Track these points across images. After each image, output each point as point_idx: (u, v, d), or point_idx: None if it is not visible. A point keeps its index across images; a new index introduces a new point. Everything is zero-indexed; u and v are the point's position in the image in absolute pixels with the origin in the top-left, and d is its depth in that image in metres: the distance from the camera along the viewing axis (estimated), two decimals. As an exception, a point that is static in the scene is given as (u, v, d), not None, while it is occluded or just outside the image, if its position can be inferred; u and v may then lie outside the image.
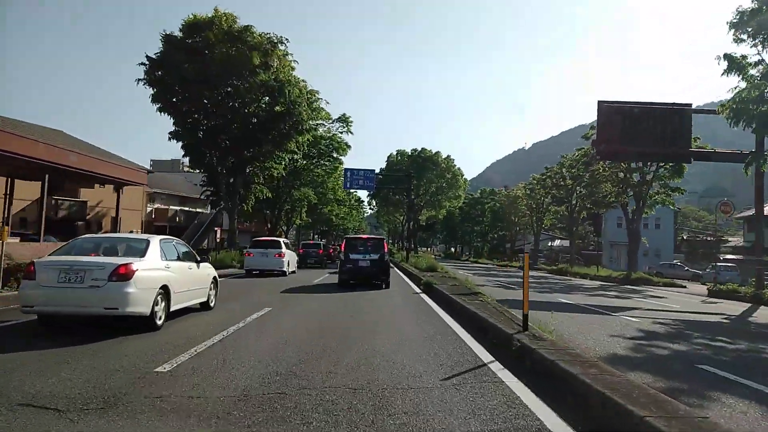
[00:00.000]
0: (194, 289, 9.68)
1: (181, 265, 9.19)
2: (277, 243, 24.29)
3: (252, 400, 4.61)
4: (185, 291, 9.16)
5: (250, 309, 10.82)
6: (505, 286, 23.78)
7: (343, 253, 19.74)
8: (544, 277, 37.17)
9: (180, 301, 8.96)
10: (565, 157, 42.23)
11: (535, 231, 55.14)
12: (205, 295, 10.34)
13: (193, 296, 9.69)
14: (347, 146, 43.20)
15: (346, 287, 18.34)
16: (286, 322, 9.93)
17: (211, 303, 10.66)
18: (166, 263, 8.61)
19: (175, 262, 9.04)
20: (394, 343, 7.56)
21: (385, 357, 6.54)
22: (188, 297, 9.40)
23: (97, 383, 5.02)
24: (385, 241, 20.77)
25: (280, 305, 12.39)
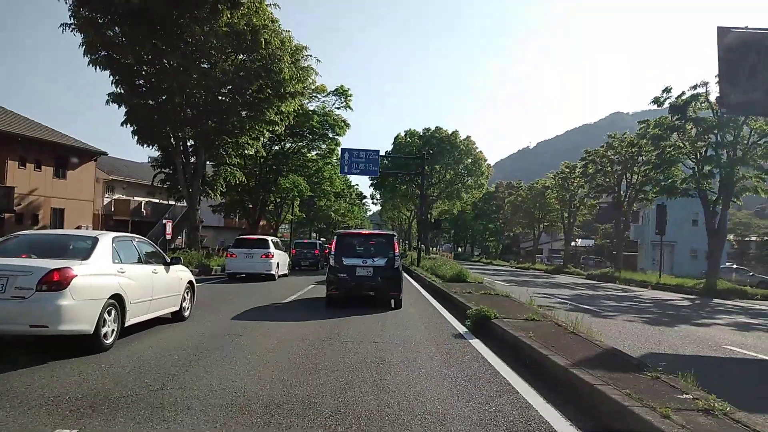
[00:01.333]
0: (161, 298, 8.14)
1: (141, 269, 7.70)
2: (264, 242, 20.50)
3: None
4: (147, 300, 7.67)
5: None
6: (597, 313, 16.12)
7: (334, 256, 12.53)
8: (591, 284, 29.54)
9: (139, 313, 7.49)
10: (613, 137, 34.55)
11: (565, 228, 47.35)
12: (177, 304, 8.87)
13: (160, 306, 8.21)
14: (345, 124, 35.65)
15: (336, 307, 12.04)
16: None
17: (185, 312, 9.20)
18: (120, 267, 7.08)
19: (134, 265, 7.55)
20: None
21: None
22: (152, 307, 7.90)
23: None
24: (395, 239, 13.26)
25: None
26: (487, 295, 13.31)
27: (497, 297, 13.04)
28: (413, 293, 16.08)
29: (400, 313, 11.46)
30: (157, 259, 8.52)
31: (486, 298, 12.72)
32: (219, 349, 6.95)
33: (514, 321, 8.50)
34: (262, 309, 11.85)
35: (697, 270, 41.54)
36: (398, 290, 12.44)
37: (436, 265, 23.62)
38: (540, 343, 6.45)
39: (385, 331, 8.74)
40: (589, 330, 7.85)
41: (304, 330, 8.72)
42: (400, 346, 7.49)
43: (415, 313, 11.46)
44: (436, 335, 8.52)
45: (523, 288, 21.83)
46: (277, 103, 25.02)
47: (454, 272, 18.62)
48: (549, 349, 6.15)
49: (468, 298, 12.24)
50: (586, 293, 21.42)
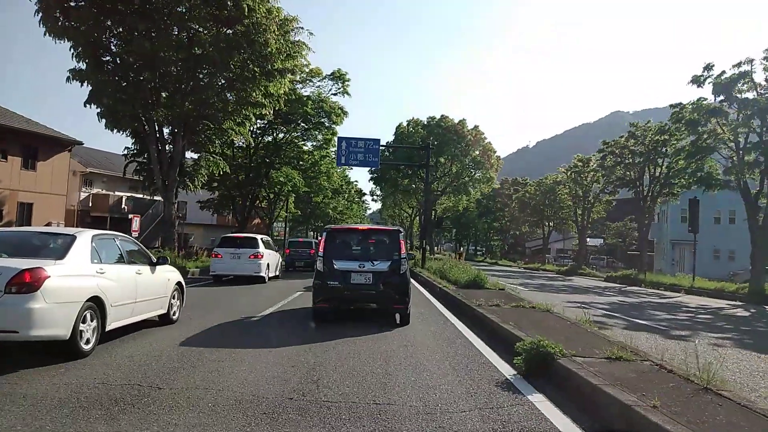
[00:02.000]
0: (146, 300, 7.75)
1: (124, 270, 7.30)
2: (253, 241, 18.79)
3: None
4: (130, 303, 7.26)
5: None
6: (664, 332, 13.06)
7: (322, 258, 9.59)
8: (616, 288, 26.50)
9: (122, 317, 7.10)
10: (635, 126, 31.46)
11: (579, 226, 44.22)
12: (164, 306, 8.44)
13: (146, 308, 7.82)
14: (343, 112, 32.54)
15: (322, 324, 9.49)
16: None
17: (173, 315, 8.75)
18: (100, 267, 6.66)
19: (116, 265, 7.16)
20: None
21: None
22: (136, 310, 7.50)
23: None
24: (401, 237, 10.21)
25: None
26: (520, 309, 10.27)
27: (535, 312, 10.00)
28: (422, 303, 13.05)
29: (409, 335, 8.46)
30: (141, 259, 8.07)
31: (521, 313, 9.69)
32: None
33: (593, 361, 5.48)
34: (227, 327, 8.89)
35: (720, 271, 38.47)
36: (405, 303, 9.48)
37: (446, 267, 20.56)
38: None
39: (390, 377, 5.69)
40: (722, 380, 4.82)
41: (266, 372, 5.70)
42: (418, 414, 4.44)
43: (431, 337, 8.42)
44: (471, 385, 5.46)
45: (546, 294, 18.81)
46: (264, 82, 21.95)
47: (470, 277, 15.56)
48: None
49: (499, 314, 9.21)
50: (622, 300, 18.38)
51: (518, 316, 9.09)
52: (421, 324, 9.68)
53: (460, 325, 9.58)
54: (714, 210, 46.72)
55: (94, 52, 20.02)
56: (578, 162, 41.53)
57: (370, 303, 9.64)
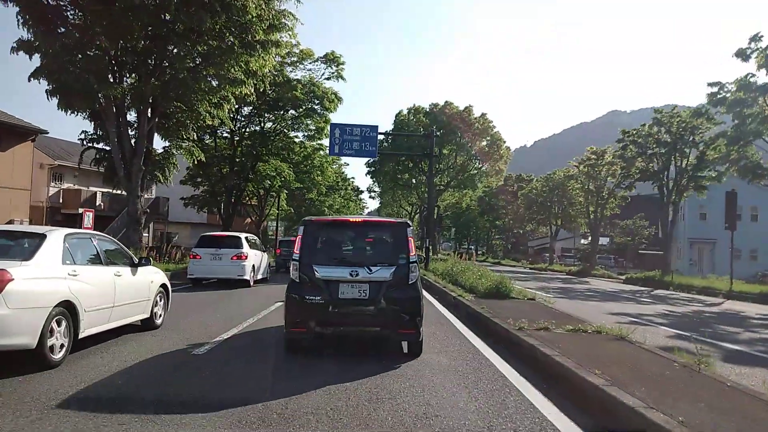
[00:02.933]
0: (126, 304, 7.22)
1: (101, 272, 6.83)
2: (236, 240, 17.16)
3: None
4: (107, 308, 6.77)
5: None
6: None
7: (298, 263, 6.52)
8: (644, 292, 23.55)
9: (98, 323, 6.58)
10: (660, 113, 28.49)
11: (591, 223, 41.22)
12: (147, 310, 7.93)
13: (125, 313, 7.30)
14: (337, 98, 29.52)
15: (297, 359, 6.63)
16: None
17: (157, 319, 8.25)
18: (73, 269, 6.13)
19: (92, 266, 6.69)
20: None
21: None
22: (115, 315, 6.99)
23: None
24: (410, 232, 7.03)
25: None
26: (581, 336, 7.28)
27: (606, 340, 7.00)
28: (432, 317, 10.02)
29: (425, 379, 5.54)
30: (122, 260, 7.57)
31: (586, 342, 6.70)
32: None
33: None
34: (159, 363, 5.94)
35: (741, 272, 35.52)
36: (416, 326, 6.55)
37: (455, 269, 17.53)
38: None
39: None
40: None
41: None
42: None
43: (459, 383, 5.43)
44: None
45: (575, 302, 15.83)
46: (244, 56, 18.95)
47: (491, 283, 12.51)
48: None
49: (559, 346, 6.21)
50: (669, 310, 15.40)
51: (588, 350, 6.12)
52: (439, 355, 6.73)
53: (497, 359, 6.56)
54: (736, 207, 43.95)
55: (43, 17, 17.01)
56: (591, 155, 38.54)
57: (365, 327, 6.64)
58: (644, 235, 57.88)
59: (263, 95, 27.74)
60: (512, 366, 6.15)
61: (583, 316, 10.69)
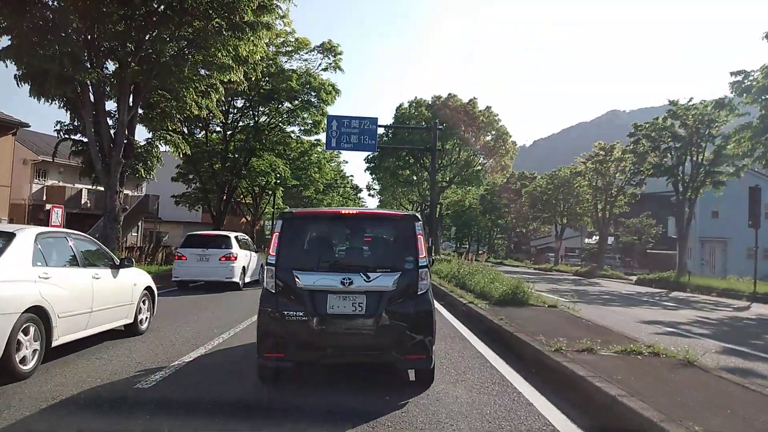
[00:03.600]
0: (106, 309, 6.77)
1: (77, 274, 6.36)
2: (225, 240, 16.11)
3: None
4: (85, 313, 6.28)
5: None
6: None
7: (274, 268, 4.93)
8: (661, 294, 22.06)
9: (74, 329, 6.14)
10: (675, 105, 26.90)
11: (600, 222, 39.65)
12: (130, 315, 7.46)
13: (106, 318, 6.86)
14: (334, 89, 27.99)
15: (279, 387, 5.28)
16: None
17: (141, 325, 7.75)
18: (44, 271, 5.67)
19: (67, 268, 6.26)
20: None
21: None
22: (93, 321, 6.51)
23: None
24: (418, 229, 5.31)
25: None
26: (634, 359, 5.76)
27: (672, 367, 5.48)
28: (441, 329, 8.49)
29: (438, 426, 3.99)
30: (102, 261, 7.11)
31: (645, 368, 5.18)
32: None
33: None
34: (98, 395, 4.49)
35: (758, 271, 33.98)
36: (427, 349, 5.08)
37: (462, 272, 16.05)
38: None
39: None
40: None
41: None
42: None
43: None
44: None
45: (597, 307, 14.32)
46: (232, 40, 17.43)
47: (507, 289, 10.97)
48: None
49: (617, 378, 4.71)
50: (700, 316, 13.89)
51: (658, 385, 4.63)
52: (456, 386, 5.28)
53: (534, 394, 5.04)
54: (745, 204, 42.35)
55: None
56: (600, 150, 36.99)
57: (362, 353, 5.12)
58: (651, 234, 56.38)
59: (257, 87, 26.26)
60: (560, 409, 4.61)
61: (616, 326, 9.22)
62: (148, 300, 8.10)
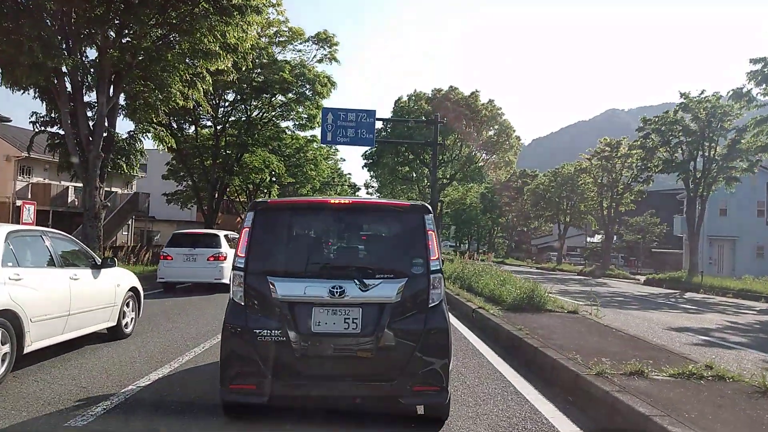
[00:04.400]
0: (85, 311, 6.37)
1: (53, 275, 5.99)
2: (214, 238, 15.29)
3: None
4: (62, 316, 5.91)
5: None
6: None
7: (242, 272, 3.74)
8: (673, 295, 20.94)
9: (50, 334, 5.74)
10: (687, 97, 25.73)
11: (605, 220, 38.49)
12: (113, 317, 7.06)
13: (86, 321, 6.46)
14: (330, 82, 26.80)
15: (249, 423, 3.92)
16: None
17: (126, 328, 7.39)
18: (15, 272, 5.32)
19: (41, 269, 5.93)
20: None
21: None
22: (71, 325, 6.12)
23: None
24: (429, 223, 4.07)
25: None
26: (698, 384, 4.62)
27: (752, 396, 4.34)
28: (454, 344, 7.35)
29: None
30: (80, 261, 6.76)
31: (736, 408, 4.02)
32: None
33: None
34: None
35: (764, 271, 32.90)
36: (441, 378, 3.86)
37: (467, 272, 14.91)
38: None
39: None
40: None
41: None
42: None
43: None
44: None
45: (615, 311, 13.16)
46: (220, 25, 16.25)
47: (521, 293, 9.81)
48: None
49: (703, 426, 3.54)
50: (729, 321, 12.77)
51: (740, 422, 3.47)
52: (476, 422, 4.16)
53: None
54: (754, 201, 41.34)
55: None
56: (606, 146, 35.84)
57: (356, 384, 3.94)
58: (655, 233, 55.28)
59: (248, 79, 25.10)
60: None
61: (647, 335, 8.10)
62: (133, 302, 7.74)
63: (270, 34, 25.96)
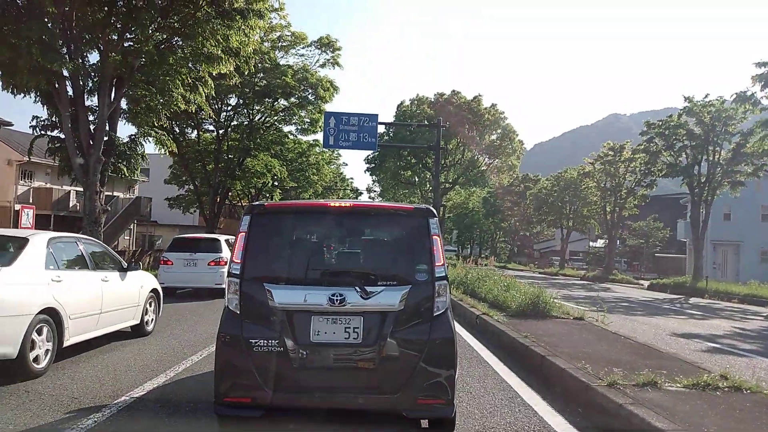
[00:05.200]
0: (114, 310, 6.96)
1: (87, 277, 6.54)
2: (215, 243, 15.17)
3: None
4: (94, 314, 6.48)
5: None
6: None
7: (238, 279, 3.67)
8: (676, 300, 20.72)
9: (84, 330, 6.31)
10: (691, 101, 25.50)
11: (609, 224, 38.21)
12: (137, 316, 7.70)
13: (113, 320, 7.03)
14: (332, 86, 26.72)
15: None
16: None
17: (147, 326, 7.98)
18: (57, 274, 5.89)
19: (78, 271, 6.46)
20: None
21: None
22: (102, 322, 6.70)
23: None
24: (433, 227, 3.94)
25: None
26: (713, 395, 4.44)
27: (766, 409, 4.16)
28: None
29: None
30: (110, 265, 7.31)
31: (738, 416, 3.84)
32: None
33: None
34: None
35: (766, 275, 32.57)
36: (446, 391, 3.66)
37: (470, 277, 14.73)
38: None
39: None
40: None
41: None
42: None
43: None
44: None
45: (621, 317, 12.95)
46: (222, 29, 16.14)
47: (526, 298, 9.63)
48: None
49: (707, 429, 3.36)
50: (737, 327, 12.56)
51: None
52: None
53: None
54: (758, 205, 41.06)
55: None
56: (609, 150, 35.65)
57: (358, 396, 3.77)
58: (659, 238, 54.96)
59: (251, 83, 25.04)
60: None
61: (655, 342, 7.92)
62: (154, 302, 8.28)
63: (273, 38, 25.92)
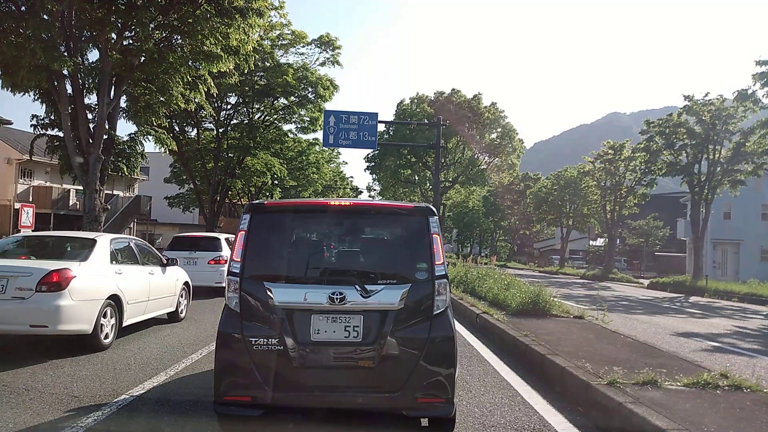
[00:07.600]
0: (157, 299, 8.35)
1: (138, 271, 7.92)
2: (215, 242, 15.39)
3: None
4: (144, 301, 7.89)
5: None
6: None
7: (238, 278, 3.80)
8: (678, 299, 20.71)
9: (137, 314, 7.74)
10: (691, 99, 25.48)
11: (608, 223, 38.19)
12: (173, 305, 9.03)
13: (157, 307, 8.41)
14: (332, 85, 26.71)
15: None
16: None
17: (181, 314, 9.39)
18: (118, 268, 7.32)
19: (132, 266, 7.81)
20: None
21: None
22: (149, 308, 8.11)
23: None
24: (433, 226, 3.96)
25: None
26: (713, 394, 4.44)
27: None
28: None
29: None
30: (153, 261, 8.61)
31: (739, 415, 3.84)
32: None
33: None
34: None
35: (766, 274, 32.54)
36: (446, 389, 3.66)
37: (470, 276, 14.74)
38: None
39: None
40: None
41: None
42: None
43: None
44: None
45: (621, 315, 12.95)
46: (221, 27, 16.12)
47: (525, 297, 9.64)
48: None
49: (708, 428, 3.36)
50: (739, 327, 12.57)
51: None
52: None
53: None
54: (758, 204, 41.01)
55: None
56: (609, 149, 35.63)
57: (357, 395, 3.76)
58: (658, 237, 54.95)
59: (251, 82, 25.04)
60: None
61: (655, 341, 7.92)
62: (186, 293, 9.59)
63: (273, 37, 25.90)
